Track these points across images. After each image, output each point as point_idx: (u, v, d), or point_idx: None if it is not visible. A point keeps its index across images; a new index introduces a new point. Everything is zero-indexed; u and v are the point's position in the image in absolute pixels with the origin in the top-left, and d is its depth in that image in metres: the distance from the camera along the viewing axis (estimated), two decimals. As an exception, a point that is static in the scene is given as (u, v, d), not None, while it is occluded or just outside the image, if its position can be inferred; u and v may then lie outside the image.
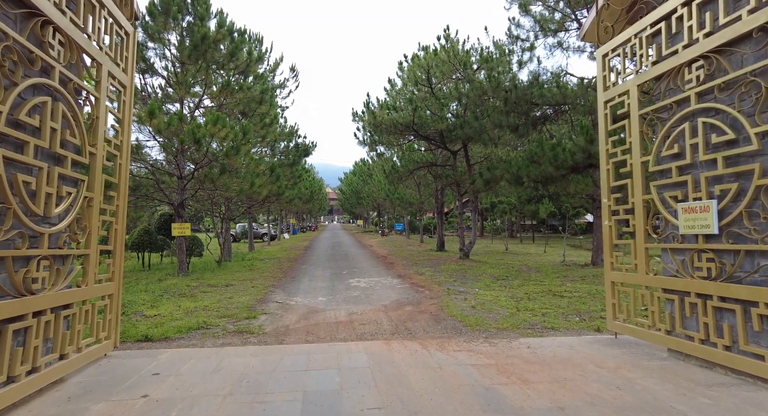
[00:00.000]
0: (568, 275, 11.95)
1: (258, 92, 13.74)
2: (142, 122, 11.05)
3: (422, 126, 14.48)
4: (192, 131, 10.83)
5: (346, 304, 7.84)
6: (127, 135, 4.65)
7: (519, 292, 9.08)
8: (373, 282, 10.73)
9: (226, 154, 11.48)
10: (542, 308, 7.29)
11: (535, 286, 9.98)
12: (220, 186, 11.99)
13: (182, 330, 5.76)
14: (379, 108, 14.95)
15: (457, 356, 4.39)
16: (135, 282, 11.36)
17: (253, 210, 23.05)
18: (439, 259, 16.07)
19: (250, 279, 11.54)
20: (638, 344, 4.78)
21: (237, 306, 7.75)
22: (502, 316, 6.57)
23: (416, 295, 8.74)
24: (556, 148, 11.67)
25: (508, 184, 12.70)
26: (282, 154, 19.02)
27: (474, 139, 13.83)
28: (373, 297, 8.62)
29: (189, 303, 8.20)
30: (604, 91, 5.34)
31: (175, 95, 13.58)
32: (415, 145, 20.53)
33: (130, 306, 7.90)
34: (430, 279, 11.19)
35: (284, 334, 5.59)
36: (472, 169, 16.06)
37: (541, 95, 12.93)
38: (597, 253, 14.08)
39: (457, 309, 7.14)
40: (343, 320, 6.41)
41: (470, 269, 13.04)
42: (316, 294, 9.11)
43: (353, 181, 52.02)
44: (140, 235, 15.66)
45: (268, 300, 8.59)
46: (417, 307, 7.43)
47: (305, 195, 31.21)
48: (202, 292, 9.55)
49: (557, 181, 12.28)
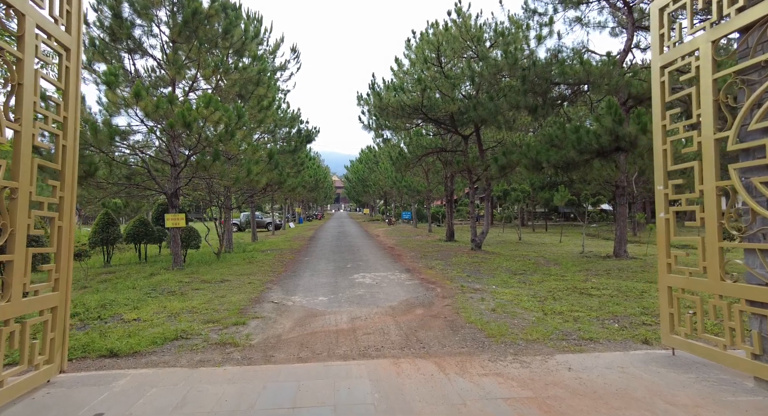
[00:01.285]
0: (590, 268, 11.02)
1: (255, 73, 12.77)
2: (128, 105, 10.18)
3: (432, 108, 13.45)
4: (182, 114, 9.94)
5: (349, 306, 6.99)
6: (74, 110, 3.75)
7: (541, 290, 8.17)
8: (380, 277, 9.88)
9: (220, 139, 10.59)
10: (571, 310, 6.39)
11: (557, 282, 9.07)
12: (214, 174, 11.13)
13: (157, 342, 4.94)
14: (385, 89, 13.92)
15: (483, 384, 3.51)
16: (125, 278, 10.62)
17: (255, 199, 22.24)
18: (449, 251, 15.17)
19: (248, 274, 10.75)
20: (705, 365, 3.87)
21: (227, 308, 6.93)
22: (529, 322, 5.68)
23: (427, 294, 7.86)
24: (580, 131, 10.63)
25: (526, 170, 11.70)
26: (283, 140, 18.09)
27: (488, 121, 12.79)
28: (380, 296, 7.76)
29: (176, 303, 7.41)
30: (661, 54, 4.33)
31: (167, 77, 12.67)
32: (423, 130, 19.50)
33: (110, 307, 7.13)
34: (441, 274, 10.31)
35: (274, 347, 4.74)
36: (484, 155, 15.04)
37: (561, 73, 11.83)
38: (620, 244, 13.11)
39: (475, 312, 6.26)
40: (344, 327, 5.56)
41: (484, 262, 12.13)
42: (317, 292, 8.28)
43: (359, 169, 51.06)
44: (135, 226, 14.94)
45: (263, 299, 7.77)
46: (429, 310, 6.56)
47: (309, 183, 30.32)
48: (193, 290, 8.76)
49: (580, 166, 11.25)
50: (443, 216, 35.79)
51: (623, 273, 10.21)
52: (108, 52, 11.82)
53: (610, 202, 26.35)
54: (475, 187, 18.31)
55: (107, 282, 10.38)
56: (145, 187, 12.02)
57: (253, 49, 13.45)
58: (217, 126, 10.85)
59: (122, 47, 11.87)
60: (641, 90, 11.88)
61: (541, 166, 11.60)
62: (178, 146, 12.31)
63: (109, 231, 14.40)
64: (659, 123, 4.34)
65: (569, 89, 13.94)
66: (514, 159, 12.18)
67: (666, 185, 4.27)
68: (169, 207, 12.39)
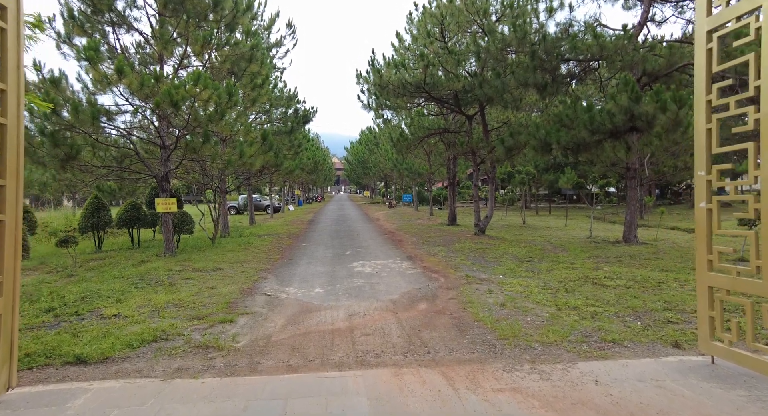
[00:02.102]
0: (600, 255, 10.52)
1: (248, 48, 12.02)
2: (111, 83, 9.50)
3: (435, 86, 12.73)
4: (168, 92, 9.28)
5: (347, 299, 6.50)
6: (15, 83, 3.16)
7: (551, 280, 7.68)
8: (380, 266, 9.39)
9: (210, 119, 9.95)
10: (587, 305, 5.90)
11: (567, 271, 8.58)
12: (205, 156, 10.53)
13: (133, 345, 4.45)
14: (385, 66, 13.17)
15: (499, 403, 3.02)
16: (113, 266, 10.15)
17: (252, 182, 21.64)
18: (452, 236, 14.67)
19: (242, 262, 10.27)
20: (753, 378, 3.38)
21: (216, 302, 6.46)
22: (543, 320, 5.19)
23: (430, 285, 7.37)
24: (592, 110, 9.98)
25: (534, 151, 11.08)
26: (279, 121, 17.38)
27: (494, 100, 12.10)
28: (380, 287, 7.27)
29: (163, 295, 6.94)
30: (709, 16, 3.70)
31: (155, 54, 11.92)
32: (425, 110, 18.76)
33: (91, 300, 6.65)
34: (444, 261, 9.82)
35: (262, 352, 4.26)
36: (489, 136, 14.38)
37: (573, 48, 11.09)
38: (629, 229, 12.59)
39: (483, 307, 5.77)
40: (341, 326, 5.07)
41: (489, 248, 11.63)
42: (313, 283, 7.79)
43: (359, 151, 50.22)
44: (127, 210, 14.43)
45: (256, 291, 7.29)
46: (433, 304, 6.07)
47: (308, 165, 29.64)
48: (183, 280, 8.28)
49: (591, 147, 10.63)
50: (444, 199, 35.24)
51: (635, 260, 9.72)
52: (90, 26, 11.05)
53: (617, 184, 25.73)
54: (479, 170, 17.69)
55: (95, 270, 9.92)
56: (134, 170, 11.43)
57: (245, 23, 12.64)
58: (207, 105, 10.19)
59: (105, 20, 11.10)
60: (657, 66, 11.16)
61: (550, 148, 10.98)
62: (167, 127, 11.67)
63: (99, 216, 13.89)
64: (703, 98, 3.74)
65: (579, 66, 13.21)
66: (522, 140, 11.55)
67: (709, 170, 3.70)
68: (159, 191, 11.83)
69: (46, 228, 17.07)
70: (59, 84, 9.44)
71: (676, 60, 10.93)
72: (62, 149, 8.92)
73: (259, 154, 11.24)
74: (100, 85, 9.78)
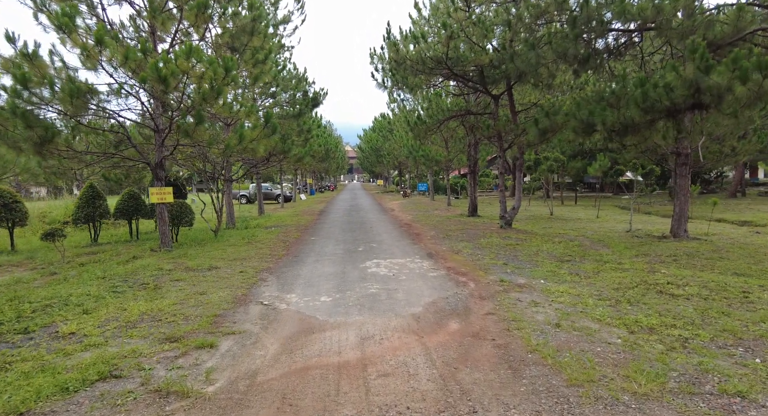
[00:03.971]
0: (649, 253, 9.13)
1: (249, 20, 10.73)
2: (90, 57, 8.34)
3: (458, 61, 11.28)
4: (155, 67, 8.09)
5: (359, 312, 5.29)
6: None
7: (604, 286, 6.37)
8: (398, 266, 8.16)
9: (204, 98, 8.75)
10: (665, 324, 4.59)
11: (618, 274, 7.25)
12: (200, 140, 9.36)
13: (69, 388, 3.30)
14: (402, 40, 11.76)
15: None
16: (101, 262, 9.14)
17: (261, 170, 20.53)
18: (475, 229, 13.34)
19: (243, 259, 9.16)
20: None
21: (201, 314, 5.32)
22: (617, 350, 3.90)
23: (459, 293, 6.12)
24: (646, 84, 8.48)
25: (573, 133, 9.64)
26: (287, 103, 16.12)
27: (526, 75, 10.62)
28: (398, 295, 6.05)
29: (141, 303, 5.84)
30: None
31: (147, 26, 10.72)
32: (444, 91, 17.29)
33: (53, 310, 5.58)
34: (471, 261, 8.54)
35: (240, 404, 3.07)
36: (517, 118, 12.92)
37: (622, 12, 9.53)
38: (679, 222, 11.11)
39: (534, 329, 4.50)
40: (350, 358, 3.86)
41: (520, 244, 10.30)
42: (319, 288, 6.60)
43: (373, 138, 48.80)
44: (125, 200, 13.45)
45: (251, 298, 6.14)
46: (467, 322, 4.82)
47: (319, 153, 28.40)
48: (172, 281, 7.19)
49: (640, 129, 9.13)
50: (462, 187, 33.77)
51: (695, 260, 8.31)
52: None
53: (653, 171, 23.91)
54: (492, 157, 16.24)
55: (82, 266, 8.92)
56: (125, 156, 10.33)
57: (247, -8, 11.34)
58: (201, 82, 8.98)
59: (88, -11, 9.91)
60: (722, 33, 9.55)
61: (592, 130, 9.52)
62: (161, 108, 10.52)
63: (94, 206, 12.93)
64: None
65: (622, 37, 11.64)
66: (559, 121, 10.10)
67: None
68: (154, 179, 10.75)
69: (44, 218, 16.24)
70: (34, 58, 8.31)
71: (744, 25, 9.30)
72: (36, 131, 7.83)
73: (262, 138, 10.02)
74: (87, 62, 8.62)
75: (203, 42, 11.90)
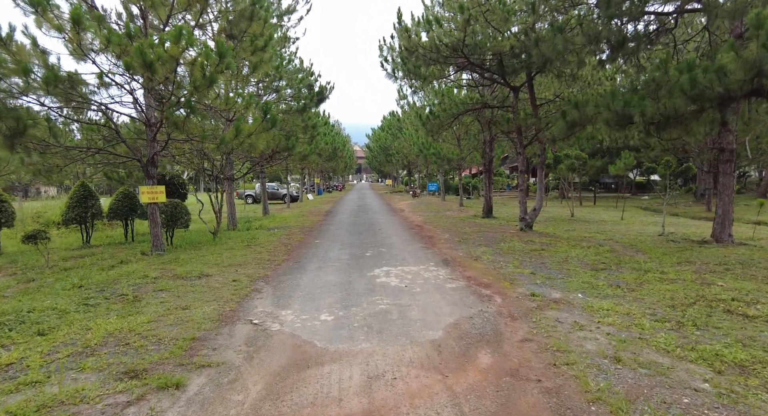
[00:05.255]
0: (692, 260, 8.07)
1: (248, 3, 9.85)
2: (69, 40, 7.51)
3: (475, 48, 10.29)
4: (140, 51, 7.22)
5: (366, 337, 4.35)
6: None
7: (656, 303, 5.36)
8: (410, 275, 7.20)
9: (195, 87, 7.87)
10: (758, 360, 3.59)
11: (665, 285, 6.24)
12: (192, 134, 8.49)
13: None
14: (415, 25, 10.80)
15: None
16: (85, 267, 8.30)
17: (265, 168, 19.68)
18: (492, 231, 12.33)
19: (239, 265, 8.27)
20: None
21: (177, 336, 4.43)
22: (712, 404, 2.92)
23: (485, 312, 5.14)
24: (695, 69, 7.42)
25: (606, 126, 8.60)
26: (291, 97, 15.24)
27: (552, 62, 9.59)
28: (412, 313, 5.09)
29: (111, 321, 4.97)
30: None
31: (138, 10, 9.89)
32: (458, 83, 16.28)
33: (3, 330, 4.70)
34: (493, 269, 7.55)
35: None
36: (538, 111, 11.89)
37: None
38: (722, 226, 10.01)
39: (588, 366, 3.52)
40: (354, 409, 2.92)
41: (545, 250, 9.28)
42: (320, 302, 5.67)
43: (381, 137, 47.86)
44: (119, 200, 12.63)
45: (239, 315, 5.23)
46: (501, 355, 3.85)
47: (326, 151, 27.50)
48: (153, 292, 6.32)
49: (685, 120, 8.08)
50: (473, 187, 32.69)
51: (752, 270, 7.24)
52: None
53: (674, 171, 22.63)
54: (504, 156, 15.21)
55: (65, 271, 8.11)
56: (111, 151, 9.50)
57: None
58: (192, 69, 8.11)
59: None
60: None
61: (629, 121, 8.48)
62: (153, 100, 9.68)
63: (86, 206, 12.13)
64: None
65: (654, 23, 10.59)
66: (590, 112, 9.07)
67: None
68: (145, 177, 9.91)
69: (39, 219, 15.55)
70: (8, 43, 7.50)
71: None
72: (5, 123, 7.00)
73: (261, 131, 9.13)
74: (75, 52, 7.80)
75: (200, 30, 11.07)
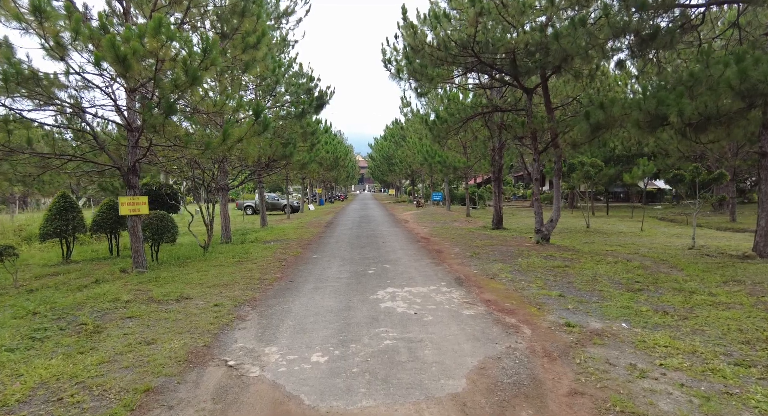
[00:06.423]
0: (740, 279, 7.07)
1: (239, -2, 9.04)
2: (29, 28, 6.67)
3: (487, 45, 9.44)
4: (111, 43, 6.37)
5: (367, 392, 3.36)
6: None
7: (722, 336, 4.37)
8: (420, 298, 6.22)
9: (176, 85, 7.00)
10: None
11: (722, 311, 5.25)
12: (173, 139, 7.61)
13: None
14: (421, 22, 9.98)
15: None
16: (54, 288, 7.37)
17: (263, 177, 18.80)
18: (506, 244, 11.34)
19: (225, 285, 7.31)
20: None
21: (128, 386, 3.47)
22: None
23: (514, 349, 4.16)
24: (745, 60, 6.51)
25: (636, 129, 7.67)
26: (288, 103, 14.41)
27: (572, 59, 8.70)
28: (425, 354, 4.11)
29: (54, 363, 4.02)
30: None
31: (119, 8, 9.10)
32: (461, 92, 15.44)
33: None
34: (514, 290, 6.57)
35: None
36: (553, 114, 10.98)
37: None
38: (766, 238, 9.00)
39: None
40: None
41: (568, 266, 8.29)
42: (313, 337, 4.69)
43: (384, 146, 47.09)
44: (103, 212, 11.74)
45: (214, 353, 4.26)
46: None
47: (327, 160, 26.64)
48: (120, 320, 5.37)
49: (730, 120, 7.15)
50: (479, 197, 31.73)
51: (816, 291, 6.22)
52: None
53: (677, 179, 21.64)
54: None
55: (31, 292, 7.19)
56: (86, 159, 8.62)
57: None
58: (174, 66, 7.26)
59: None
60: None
61: (663, 122, 7.55)
62: (137, 102, 8.84)
63: (66, 219, 11.22)
64: None
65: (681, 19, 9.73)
66: (616, 113, 8.15)
67: None
68: (126, 187, 9.02)
69: (21, 232, 14.66)
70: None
71: None
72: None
73: (252, 136, 8.24)
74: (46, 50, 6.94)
75: (190, 28, 10.27)
